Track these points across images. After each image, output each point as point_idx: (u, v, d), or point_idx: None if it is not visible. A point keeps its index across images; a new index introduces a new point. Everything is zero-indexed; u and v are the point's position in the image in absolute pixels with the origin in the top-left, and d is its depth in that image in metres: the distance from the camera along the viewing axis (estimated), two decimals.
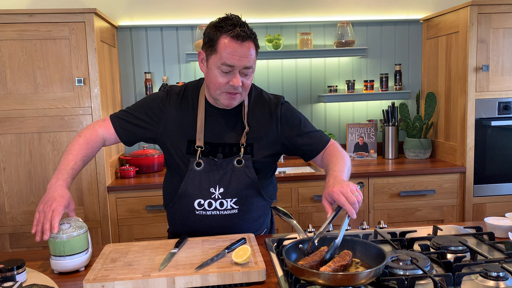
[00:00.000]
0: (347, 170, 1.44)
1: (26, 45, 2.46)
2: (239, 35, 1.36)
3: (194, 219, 1.55)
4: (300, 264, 1.14)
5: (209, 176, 1.51)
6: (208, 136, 1.52)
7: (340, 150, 1.55)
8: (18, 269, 1.22)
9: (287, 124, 1.58)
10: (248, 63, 1.40)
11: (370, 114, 3.36)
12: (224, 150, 1.52)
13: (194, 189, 1.52)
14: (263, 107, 1.58)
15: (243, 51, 1.38)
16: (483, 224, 1.62)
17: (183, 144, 1.53)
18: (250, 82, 1.46)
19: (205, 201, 1.52)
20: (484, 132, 2.81)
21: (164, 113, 1.55)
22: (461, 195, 2.84)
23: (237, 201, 1.53)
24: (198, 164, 1.51)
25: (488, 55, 2.74)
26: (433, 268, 1.22)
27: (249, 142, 1.53)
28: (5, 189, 2.53)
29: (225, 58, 1.38)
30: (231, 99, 1.46)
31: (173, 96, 1.57)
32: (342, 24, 3.14)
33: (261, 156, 1.55)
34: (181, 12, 3.11)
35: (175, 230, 1.65)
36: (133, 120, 1.56)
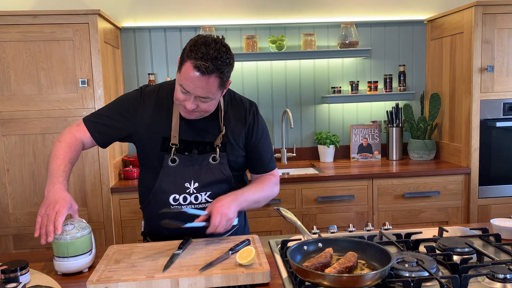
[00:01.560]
0: (252, 202, 1.57)
1: (30, 47, 2.46)
2: (200, 68, 1.35)
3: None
4: (305, 265, 1.13)
5: (184, 172, 1.53)
6: (183, 134, 1.54)
7: (270, 185, 1.65)
8: (21, 270, 1.22)
9: (252, 131, 1.62)
10: (203, 94, 1.40)
11: (374, 115, 3.35)
12: (198, 147, 1.55)
13: (169, 185, 1.53)
14: (234, 108, 1.61)
15: (200, 83, 1.38)
16: (489, 226, 1.61)
17: (157, 142, 1.54)
18: (208, 106, 1.46)
19: (180, 196, 1.53)
20: (489, 133, 2.79)
21: (138, 112, 1.55)
22: (466, 197, 2.82)
23: (211, 195, 1.55)
24: (173, 160, 1.53)
25: (493, 55, 2.73)
26: (439, 270, 1.21)
27: (223, 141, 1.56)
28: (9, 190, 2.54)
29: (183, 82, 1.40)
30: (188, 114, 1.48)
31: (147, 95, 1.58)
32: (346, 25, 3.13)
33: (235, 156, 1.58)
34: (184, 13, 3.11)
35: (152, 228, 1.64)
36: (107, 122, 1.56)
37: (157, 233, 1.62)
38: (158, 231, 1.60)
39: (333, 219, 2.74)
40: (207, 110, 1.48)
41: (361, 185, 2.75)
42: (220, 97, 1.50)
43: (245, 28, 3.18)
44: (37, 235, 1.28)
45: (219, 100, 1.52)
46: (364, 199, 2.76)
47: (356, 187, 2.74)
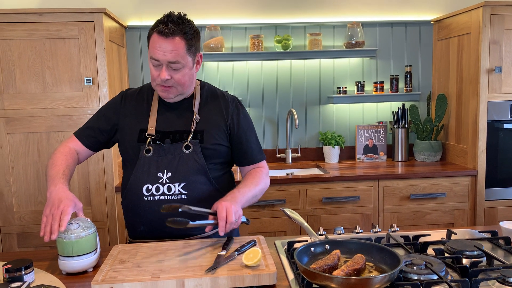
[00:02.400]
0: (250, 196, 1.56)
1: (35, 45, 2.46)
2: (162, 32, 1.44)
3: (143, 206, 1.54)
4: (312, 267, 1.12)
5: (157, 161, 1.54)
6: (160, 125, 1.58)
7: (262, 177, 1.65)
8: (26, 269, 1.21)
9: (236, 122, 1.64)
10: (172, 58, 1.46)
11: (379, 115, 3.33)
12: (174, 137, 1.57)
13: (142, 174, 1.54)
14: (215, 100, 1.65)
15: (167, 46, 1.45)
16: (497, 228, 1.59)
17: (135, 133, 1.58)
18: (182, 76, 1.51)
19: (152, 186, 1.53)
20: (496, 134, 2.76)
21: (120, 113, 1.62)
22: (472, 199, 2.80)
23: (185, 186, 1.53)
24: (148, 150, 1.55)
25: (501, 56, 2.70)
26: (448, 273, 1.20)
27: (199, 130, 1.58)
28: (13, 189, 2.53)
29: (152, 52, 1.47)
30: (165, 91, 1.53)
31: (129, 96, 1.66)
32: (352, 25, 3.12)
33: (210, 143, 1.58)
34: (190, 12, 3.10)
35: (129, 225, 1.63)
36: (93, 125, 1.64)
37: (135, 229, 1.60)
38: (135, 226, 1.59)
39: (338, 220, 2.72)
40: (182, 82, 1.51)
41: (366, 186, 2.73)
42: (192, 69, 1.54)
43: (250, 27, 3.16)
44: (42, 234, 1.28)
45: (193, 74, 1.55)
46: (369, 201, 2.74)
47: (361, 188, 2.72)
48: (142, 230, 1.57)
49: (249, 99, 3.21)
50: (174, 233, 1.54)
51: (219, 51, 3.02)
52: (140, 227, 1.57)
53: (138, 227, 1.58)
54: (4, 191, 2.53)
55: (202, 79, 3.16)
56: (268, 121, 3.27)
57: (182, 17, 1.51)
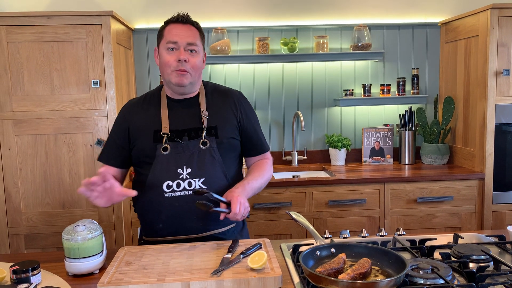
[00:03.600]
0: (256, 188, 1.64)
1: (43, 47, 2.48)
2: (179, 19, 1.60)
3: (164, 203, 1.56)
4: (317, 271, 1.12)
5: (176, 158, 1.57)
6: (173, 124, 1.62)
7: (268, 168, 1.74)
8: (33, 270, 1.22)
9: (245, 115, 1.71)
10: (191, 39, 1.57)
11: (386, 118, 3.31)
12: (189, 134, 1.61)
13: (161, 172, 1.56)
14: (222, 95, 1.71)
15: (184, 30, 1.58)
16: (506, 233, 1.58)
17: (150, 136, 1.61)
18: (197, 62, 1.59)
19: (173, 182, 1.55)
20: (504, 137, 2.74)
21: (128, 120, 1.66)
22: (479, 202, 2.77)
23: (205, 181, 1.57)
24: (165, 149, 1.58)
25: (509, 59, 2.68)
26: (454, 277, 1.19)
27: (213, 125, 1.63)
28: (21, 190, 2.55)
29: (169, 37, 1.57)
30: (180, 75, 1.57)
31: (133, 104, 1.71)
32: (359, 27, 3.11)
33: (225, 137, 1.63)
34: (196, 15, 3.11)
35: (146, 223, 1.64)
36: (118, 147, 1.67)
37: (153, 227, 1.61)
38: (153, 224, 1.60)
39: (344, 223, 2.71)
40: (196, 67, 1.59)
41: (373, 189, 2.72)
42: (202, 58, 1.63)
43: (257, 30, 3.17)
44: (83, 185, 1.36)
45: (202, 66, 1.63)
46: (376, 204, 2.73)
47: (367, 191, 2.71)
48: (160, 228, 1.59)
49: (255, 101, 3.22)
50: (190, 230, 1.58)
51: (225, 53, 3.03)
52: (159, 224, 1.59)
53: (156, 225, 1.59)
54: (12, 193, 2.55)
55: (208, 81, 3.18)
56: (274, 124, 3.27)
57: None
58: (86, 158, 2.56)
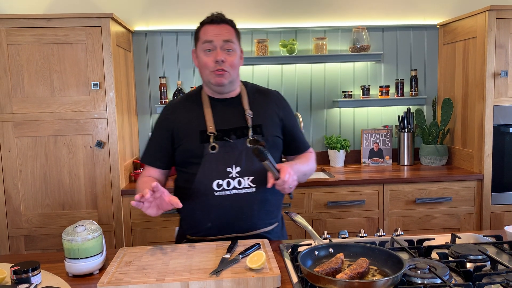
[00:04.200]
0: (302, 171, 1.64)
1: (43, 49, 2.49)
2: (213, 20, 1.61)
3: (214, 202, 1.56)
4: (316, 271, 1.12)
5: (225, 157, 1.57)
6: (218, 124, 1.62)
7: (312, 160, 1.77)
8: (33, 271, 1.23)
9: (287, 114, 1.73)
10: (226, 37, 1.58)
11: (385, 119, 3.33)
12: (236, 133, 1.61)
13: (211, 171, 1.56)
14: (264, 95, 1.73)
15: (219, 29, 1.59)
16: (503, 233, 1.58)
17: (195, 136, 1.60)
18: (234, 60, 1.60)
19: (223, 181, 1.56)
20: (503, 139, 2.75)
21: (172, 121, 1.66)
22: (478, 203, 2.78)
23: (254, 179, 1.57)
24: (213, 147, 1.58)
25: (507, 60, 2.70)
26: (452, 277, 1.19)
27: (257, 124, 1.64)
28: (21, 192, 2.56)
29: (205, 37, 1.59)
30: (219, 75, 1.58)
31: (175, 105, 1.71)
32: (358, 29, 3.12)
33: (270, 135, 1.64)
34: (196, 17, 3.10)
35: (194, 223, 1.63)
36: (162, 149, 1.68)
37: (200, 226, 1.61)
38: (201, 223, 1.60)
39: (344, 224, 2.72)
40: (233, 65, 1.60)
41: (372, 190, 2.73)
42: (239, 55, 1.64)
43: (256, 31, 3.18)
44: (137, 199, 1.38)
45: (240, 64, 1.64)
46: (375, 205, 2.74)
47: (366, 192, 2.72)
48: (209, 227, 1.60)
49: None
50: (238, 229, 1.58)
51: None
52: (208, 224, 1.59)
53: (205, 224, 1.60)
54: (12, 194, 2.55)
55: None
56: None
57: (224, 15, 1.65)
58: (85, 159, 2.57)
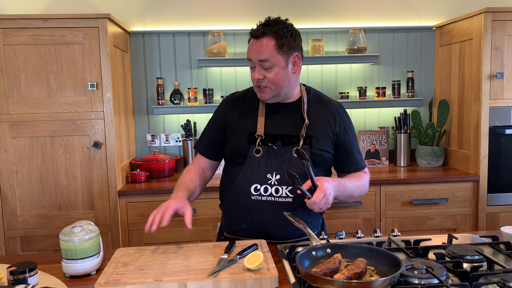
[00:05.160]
0: (348, 194, 1.59)
1: (40, 50, 2.48)
2: (253, 34, 1.57)
3: (250, 205, 1.57)
4: (313, 271, 1.13)
5: (267, 163, 1.57)
6: (269, 128, 1.61)
7: (365, 180, 1.68)
8: (30, 271, 1.22)
9: (343, 129, 1.66)
10: (261, 56, 1.53)
11: (381, 121, 3.34)
12: (283, 140, 1.59)
13: (251, 174, 1.57)
14: (323, 105, 1.67)
15: (257, 46, 1.55)
16: (499, 233, 1.59)
17: (245, 135, 1.62)
18: (275, 76, 1.55)
19: (261, 186, 1.56)
20: (498, 140, 2.77)
21: (227, 116, 1.68)
22: (474, 204, 2.80)
23: (292, 190, 1.56)
24: (257, 151, 1.58)
25: (502, 62, 2.71)
26: (449, 277, 1.20)
27: (308, 135, 1.59)
28: (17, 192, 2.55)
29: (248, 54, 1.58)
30: (260, 92, 1.60)
31: (234, 100, 1.72)
32: (354, 31, 3.13)
33: (319, 149, 1.60)
34: (193, 18, 3.13)
35: (231, 221, 1.65)
36: (208, 138, 1.73)
37: (236, 225, 1.63)
38: (237, 223, 1.62)
39: (340, 225, 2.72)
40: (275, 81, 1.55)
41: (368, 191, 2.72)
42: (286, 69, 1.56)
43: None
44: (146, 230, 1.41)
45: (288, 75, 1.57)
46: (371, 206, 2.74)
47: None
48: (244, 228, 1.61)
49: None
50: (271, 235, 1.58)
51: (222, 56, 3.04)
52: (243, 224, 1.60)
53: (241, 225, 1.61)
54: (8, 195, 2.54)
55: (205, 84, 3.19)
56: None
57: (278, 19, 1.61)
58: (82, 160, 2.56)
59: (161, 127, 3.21)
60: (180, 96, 3.11)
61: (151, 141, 3.20)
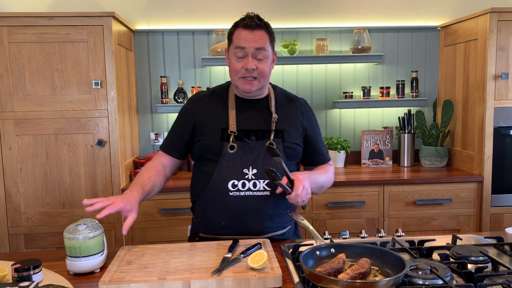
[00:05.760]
0: (319, 182, 1.67)
1: (45, 48, 2.49)
2: (248, 25, 1.57)
3: (228, 201, 1.57)
4: (317, 271, 1.13)
5: (242, 158, 1.58)
6: (241, 124, 1.62)
7: (331, 172, 1.78)
8: (34, 269, 1.23)
9: (310, 123, 1.72)
10: (259, 45, 1.56)
11: (385, 121, 3.33)
12: (257, 135, 1.61)
13: (227, 171, 1.57)
14: (290, 101, 1.72)
15: (253, 36, 1.56)
16: (504, 234, 1.59)
17: (217, 133, 1.61)
18: (265, 67, 1.59)
19: (238, 182, 1.57)
20: (503, 141, 2.76)
21: (196, 115, 1.67)
22: (478, 205, 2.79)
23: (269, 183, 1.57)
24: (232, 147, 1.59)
25: (507, 62, 2.70)
26: (453, 278, 1.20)
27: (279, 129, 1.63)
28: (21, 190, 2.56)
29: (237, 43, 1.57)
30: (247, 83, 1.59)
31: (201, 99, 1.71)
32: (359, 30, 3.13)
33: (291, 142, 1.64)
34: (197, 17, 3.13)
35: (207, 220, 1.63)
36: (175, 136, 1.72)
37: (214, 224, 1.61)
38: (215, 222, 1.61)
39: (343, 225, 2.72)
40: (265, 73, 1.59)
41: (372, 191, 2.73)
42: (271, 64, 1.62)
43: None
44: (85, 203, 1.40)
45: (271, 70, 1.62)
46: (375, 206, 2.74)
47: (367, 193, 2.72)
48: (222, 226, 1.60)
49: None
50: (251, 231, 1.59)
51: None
52: (221, 222, 1.60)
53: (218, 223, 1.60)
54: (12, 192, 2.55)
55: (209, 83, 3.19)
56: None
57: (259, 16, 1.64)
58: (86, 158, 2.57)
59: (165, 126, 3.21)
60: (184, 94, 3.11)
61: (155, 139, 3.20)
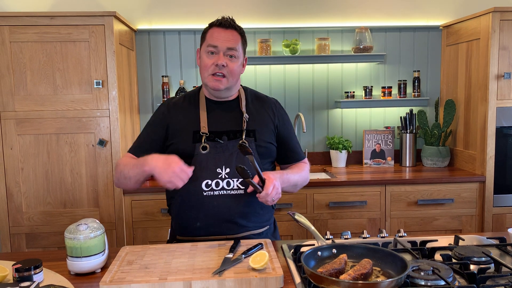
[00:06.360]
0: (292, 181, 1.67)
1: (46, 47, 2.49)
2: (222, 24, 1.61)
3: (202, 201, 1.57)
4: (319, 271, 1.12)
5: (215, 158, 1.59)
6: (212, 125, 1.64)
7: (305, 170, 1.77)
8: (35, 269, 1.22)
9: (282, 122, 1.74)
10: (231, 44, 1.59)
11: (387, 120, 3.32)
12: (228, 136, 1.63)
13: (201, 171, 1.57)
14: (261, 101, 1.74)
15: (226, 35, 1.59)
16: (507, 235, 1.58)
17: (189, 135, 1.63)
18: (235, 66, 1.61)
19: (212, 181, 1.57)
20: (505, 141, 2.75)
21: (170, 118, 1.67)
22: (480, 205, 2.78)
23: (243, 182, 1.58)
24: (204, 147, 1.60)
25: (510, 62, 2.69)
26: (455, 279, 1.19)
27: (251, 129, 1.65)
28: (23, 189, 2.56)
29: (210, 40, 1.60)
30: (217, 81, 1.60)
31: (173, 103, 1.71)
32: (360, 30, 3.12)
33: (263, 141, 1.66)
34: (199, 16, 3.12)
35: (182, 222, 1.63)
36: (146, 139, 1.70)
37: (189, 226, 1.61)
38: (190, 223, 1.61)
39: (345, 225, 2.72)
40: (234, 73, 1.60)
41: (373, 191, 2.72)
42: (241, 66, 1.64)
43: (259, 31, 3.18)
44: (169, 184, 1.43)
45: (240, 71, 1.65)
46: (376, 206, 2.73)
47: (368, 193, 2.72)
48: (198, 227, 1.60)
49: None
50: (227, 230, 1.59)
51: None
52: (196, 223, 1.60)
53: (194, 224, 1.60)
54: (13, 192, 2.55)
55: None
56: None
57: (234, 20, 1.67)
58: (88, 158, 2.57)
59: None
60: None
61: None
